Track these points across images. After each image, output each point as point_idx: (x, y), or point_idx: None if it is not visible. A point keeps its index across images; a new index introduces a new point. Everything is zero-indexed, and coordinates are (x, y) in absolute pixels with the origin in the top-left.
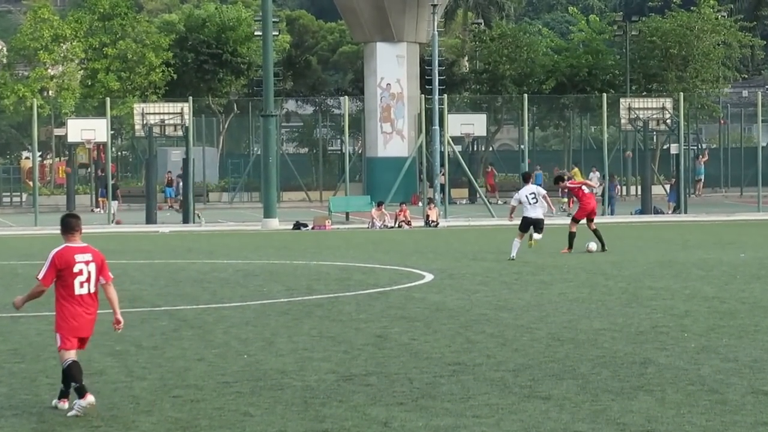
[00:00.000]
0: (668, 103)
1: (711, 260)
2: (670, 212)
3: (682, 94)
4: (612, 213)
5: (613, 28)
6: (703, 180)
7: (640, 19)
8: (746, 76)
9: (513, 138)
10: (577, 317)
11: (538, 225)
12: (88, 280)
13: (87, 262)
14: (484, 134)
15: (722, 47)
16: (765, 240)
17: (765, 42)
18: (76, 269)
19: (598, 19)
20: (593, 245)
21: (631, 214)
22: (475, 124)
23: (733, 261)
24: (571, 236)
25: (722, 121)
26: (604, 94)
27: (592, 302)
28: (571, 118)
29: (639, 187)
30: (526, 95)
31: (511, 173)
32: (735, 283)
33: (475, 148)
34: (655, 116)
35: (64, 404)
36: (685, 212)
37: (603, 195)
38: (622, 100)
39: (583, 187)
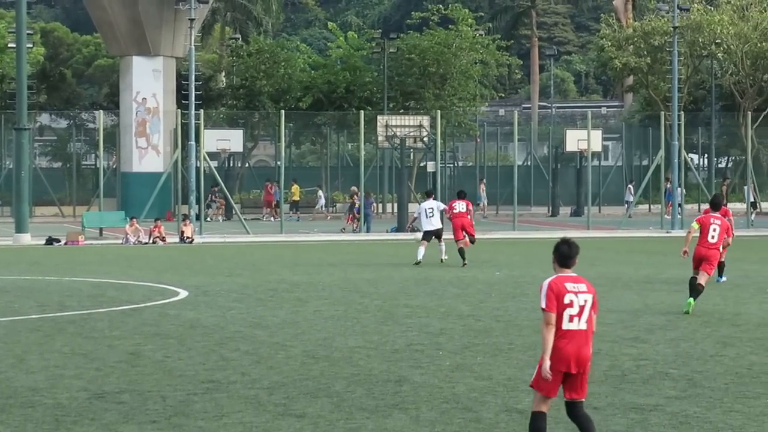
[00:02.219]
0: (425, 120)
1: (466, 278)
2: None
3: (439, 111)
4: (368, 230)
5: (371, 45)
6: (483, 203)
7: (398, 37)
8: (503, 94)
9: (270, 154)
10: (333, 335)
11: (437, 234)
12: None
13: None
14: (241, 150)
15: (480, 66)
16: (520, 258)
17: (522, 61)
18: None
19: (356, 35)
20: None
21: (387, 231)
22: (231, 139)
23: (488, 279)
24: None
25: (478, 140)
26: (362, 111)
27: (348, 320)
28: (328, 134)
29: (395, 205)
30: (283, 111)
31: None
32: (490, 301)
33: (232, 164)
34: (412, 134)
35: None
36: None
37: (360, 212)
38: (379, 117)
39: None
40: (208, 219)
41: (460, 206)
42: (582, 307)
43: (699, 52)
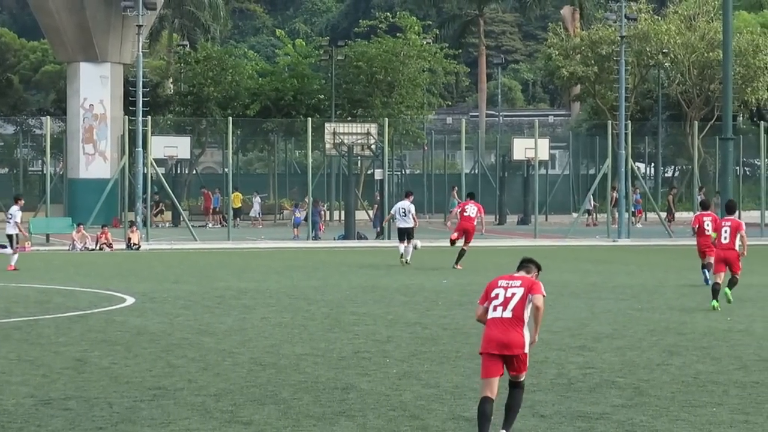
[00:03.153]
0: (373, 128)
1: (413, 286)
2: (374, 238)
3: (387, 119)
4: (316, 237)
5: (319, 53)
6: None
7: (346, 44)
8: (450, 102)
9: (217, 161)
10: (280, 342)
11: (408, 233)
12: None
13: None
14: (188, 157)
15: (427, 74)
16: (467, 266)
17: (469, 69)
18: None
19: (304, 43)
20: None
21: (335, 239)
22: (178, 146)
23: (435, 287)
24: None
25: (425, 148)
26: (309, 119)
27: (295, 327)
28: (276, 142)
29: (343, 212)
30: (230, 118)
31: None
32: (437, 309)
33: (179, 171)
34: (359, 141)
35: None
36: (388, 238)
37: (306, 219)
38: (327, 124)
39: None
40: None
41: (470, 210)
42: (508, 299)
43: (646, 61)
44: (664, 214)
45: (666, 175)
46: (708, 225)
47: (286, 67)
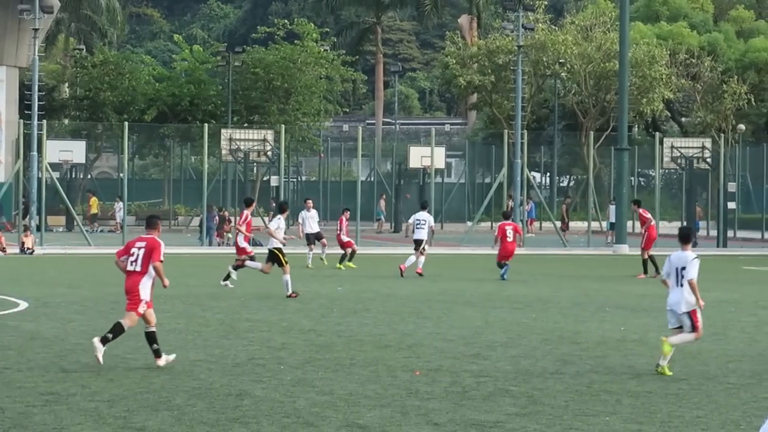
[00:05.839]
0: (269, 135)
1: (308, 293)
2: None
3: (283, 126)
4: (210, 244)
5: (216, 59)
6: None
7: (243, 50)
8: (347, 110)
9: (112, 166)
10: (174, 348)
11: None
12: None
13: None
14: (83, 161)
15: (324, 81)
16: (362, 273)
17: (366, 77)
18: None
19: (201, 49)
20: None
21: (231, 245)
22: (74, 151)
23: (330, 294)
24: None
25: (322, 155)
26: (206, 125)
27: (189, 333)
28: (172, 147)
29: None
30: (126, 123)
31: (110, 201)
32: (331, 316)
33: (74, 176)
34: (256, 148)
35: None
36: (283, 245)
37: (200, 226)
38: (223, 130)
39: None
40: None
41: (509, 233)
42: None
43: (543, 71)
44: (559, 224)
45: (561, 184)
46: (509, 233)
47: (183, 72)
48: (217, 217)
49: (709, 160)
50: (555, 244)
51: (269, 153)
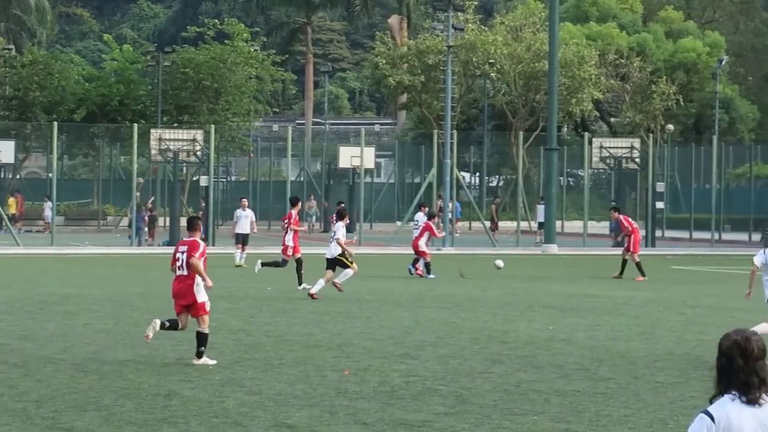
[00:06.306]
0: (199, 135)
1: (238, 293)
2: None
3: (213, 126)
4: (140, 243)
5: (146, 59)
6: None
7: (173, 50)
8: (277, 110)
9: (41, 166)
10: (103, 348)
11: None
12: None
13: None
14: (12, 161)
15: (254, 81)
16: (290, 274)
17: (296, 77)
18: None
19: (131, 48)
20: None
21: (159, 245)
22: (2, 150)
23: (259, 294)
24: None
25: (251, 155)
26: (135, 125)
27: (118, 333)
28: (101, 147)
29: (167, 219)
30: (55, 123)
31: (38, 201)
32: (261, 316)
33: (3, 175)
34: (185, 148)
35: None
36: (213, 244)
37: (130, 225)
38: (152, 130)
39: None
40: None
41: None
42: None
43: (472, 71)
44: (488, 224)
45: (491, 184)
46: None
47: (113, 72)
48: (146, 217)
49: (637, 160)
50: (484, 243)
51: (199, 153)
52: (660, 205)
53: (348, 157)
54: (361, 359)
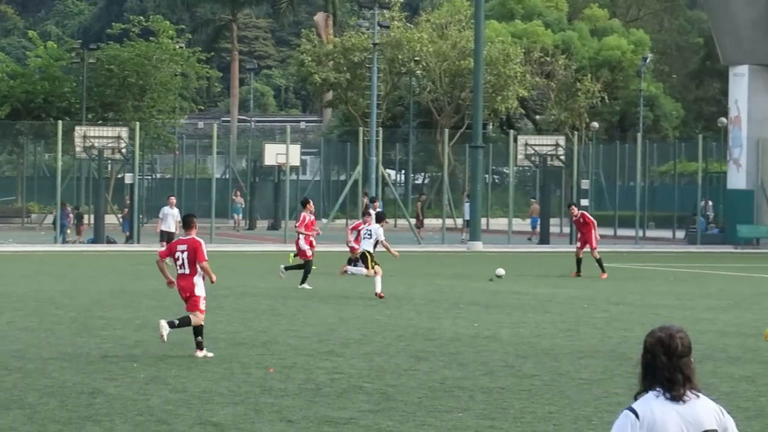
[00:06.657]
0: (124, 132)
1: (162, 290)
2: (124, 242)
3: (138, 123)
4: (64, 241)
5: (71, 55)
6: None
7: (98, 47)
8: (202, 107)
9: None
10: (26, 346)
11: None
12: None
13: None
14: None
15: (180, 78)
16: (215, 271)
17: (222, 74)
18: None
19: (55, 45)
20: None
21: (84, 242)
22: None
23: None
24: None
25: (176, 152)
26: (60, 122)
27: (42, 331)
28: (26, 144)
29: (92, 216)
30: None
31: None
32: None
33: None
34: (110, 145)
35: None
36: (138, 242)
37: (54, 224)
38: (77, 128)
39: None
40: None
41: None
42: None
43: (398, 69)
44: (413, 221)
45: (416, 181)
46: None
47: (37, 69)
48: (71, 215)
49: (562, 157)
50: (409, 241)
51: (124, 150)
52: (585, 202)
53: (273, 154)
54: (286, 357)
